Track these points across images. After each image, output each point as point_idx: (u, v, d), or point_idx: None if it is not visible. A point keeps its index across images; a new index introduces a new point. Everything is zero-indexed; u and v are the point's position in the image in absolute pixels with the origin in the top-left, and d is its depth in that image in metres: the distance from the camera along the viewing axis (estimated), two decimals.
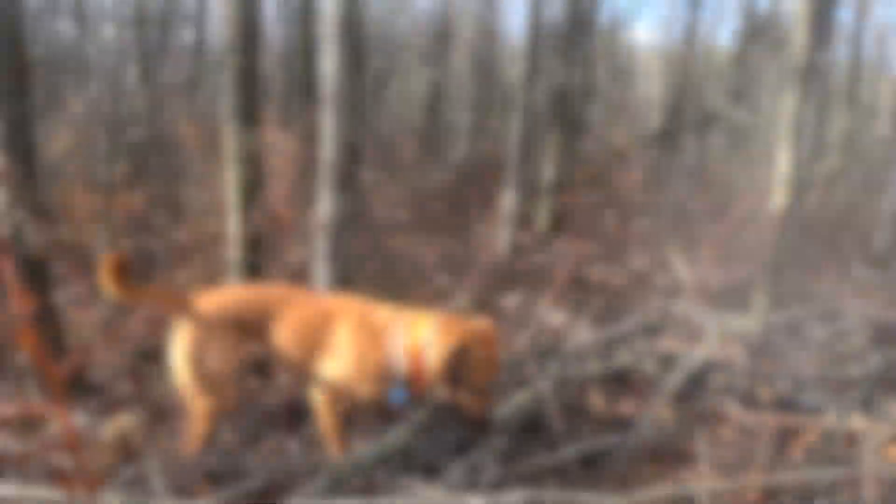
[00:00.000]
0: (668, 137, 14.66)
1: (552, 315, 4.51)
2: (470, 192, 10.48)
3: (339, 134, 3.13)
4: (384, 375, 2.83)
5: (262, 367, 3.59)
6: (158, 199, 6.10)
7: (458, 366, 2.64)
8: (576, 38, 9.96)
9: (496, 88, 14.51)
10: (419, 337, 2.77)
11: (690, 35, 17.01)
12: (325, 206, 3.16)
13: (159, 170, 6.54)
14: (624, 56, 25.29)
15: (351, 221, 3.21)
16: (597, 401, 4.30)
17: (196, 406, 3.02)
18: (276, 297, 3.08)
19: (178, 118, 6.59)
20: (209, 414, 3.00)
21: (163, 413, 3.70)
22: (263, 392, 3.74)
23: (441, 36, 14.25)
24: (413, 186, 9.39)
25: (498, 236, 7.93)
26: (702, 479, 2.69)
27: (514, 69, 20.85)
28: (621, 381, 4.50)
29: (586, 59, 11.28)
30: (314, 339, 2.94)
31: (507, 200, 7.82)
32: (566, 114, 9.84)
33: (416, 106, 14.36)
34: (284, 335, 2.97)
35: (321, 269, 3.26)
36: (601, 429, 3.54)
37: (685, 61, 15.60)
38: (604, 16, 18.05)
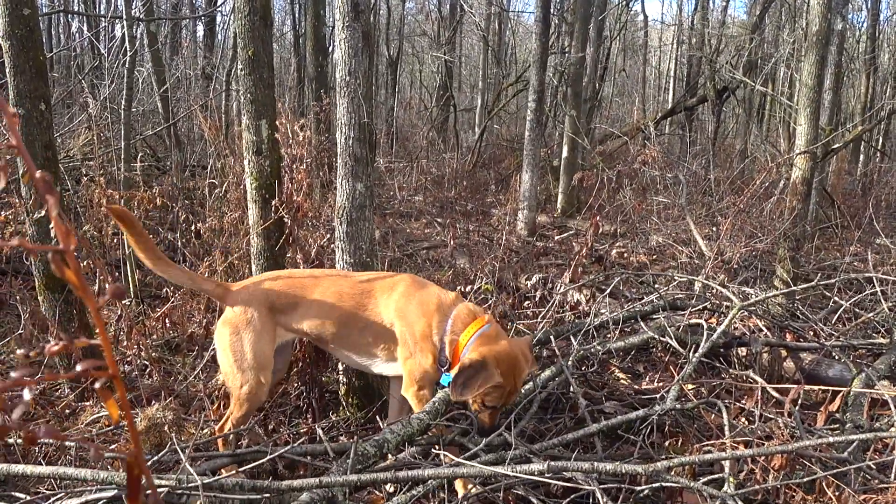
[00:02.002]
0: (683, 112, 14.52)
1: (573, 293, 4.51)
2: (486, 174, 10.49)
3: (353, 120, 3.14)
4: (433, 349, 2.89)
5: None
6: (177, 192, 6.16)
7: (475, 382, 2.68)
8: (587, 14, 9.87)
9: (509, 69, 14.43)
10: (464, 335, 2.83)
11: (704, 7, 16.80)
12: (342, 192, 3.18)
13: (176, 164, 6.60)
14: (637, 31, 25.03)
15: (368, 206, 3.22)
16: (619, 376, 4.32)
17: (235, 390, 3.09)
18: (307, 278, 3.15)
19: (193, 112, 6.64)
20: (248, 399, 3.06)
21: (190, 404, 3.77)
22: (292, 381, 3.80)
23: (451, 19, 14.19)
24: (430, 171, 9.41)
25: (516, 218, 7.93)
26: (725, 448, 2.68)
27: (525, 49, 20.72)
28: (644, 357, 4.51)
29: (599, 36, 11.19)
30: (355, 311, 3.01)
31: (525, 182, 7.81)
32: (580, 93, 9.79)
33: (430, 90, 14.34)
34: (318, 311, 3.03)
35: (340, 255, 3.29)
36: (625, 404, 3.55)
37: (699, 34, 15.40)
38: None
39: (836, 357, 4.09)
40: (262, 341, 3.07)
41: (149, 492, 0.67)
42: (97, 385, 0.61)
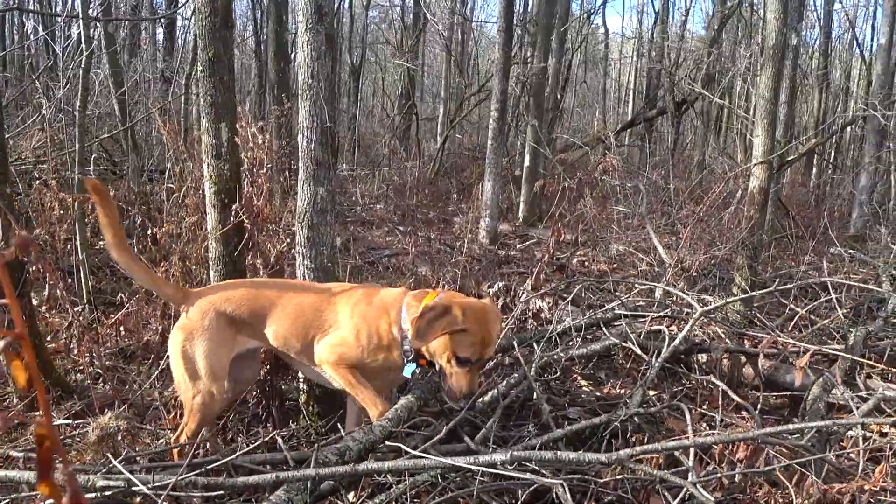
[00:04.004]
0: (643, 123, 14.74)
1: (535, 300, 4.51)
2: (448, 183, 10.49)
3: (315, 124, 3.09)
4: (392, 345, 2.83)
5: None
6: (134, 197, 6.02)
7: (437, 325, 2.61)
8: (550, 26, 9.96)
9: (471, 79, 14.48)
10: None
11: (664, 22, 17.12)
12: (303, 196, 3.13)
13: (133, 168, 6.46)
14: (597, 44, 25.38)
15: (330, 211, 3.18)
16: (581, 382, 4.32)
17: (188, 401, 2.99)
18: (273, 290, 3.07)
19: (151, 115, 6.51)
20: (200, 409, 2.97)
21: (145, 413, 3.66)
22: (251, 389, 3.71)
23: (414, 28, 14.20)
24: (391, 179, 9.37)
25: (478, 226, 7.92)
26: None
27: (487, 59, 20.86)
28: (605, 364, 4.53)
29: (561, 47, 11.30)
30: (316, 322, 2.94)
31: (487, 191, 7.82)
32: (542, 103, 9.86)
33: (392, 99, 14.31)
34: (284, 325, 2.95)
35: (301, 261, 3.23)
36: (588, 409, 3.56)
37: (659, 48, 15.68)
38: (577, 3, 18.08)
39: (794, 363, 4.15)
40: (218, 350, 2.96)
41: (60, 465, 0.62)
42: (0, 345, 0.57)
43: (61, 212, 3.89)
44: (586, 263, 7.33)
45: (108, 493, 1.87)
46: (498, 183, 7.93)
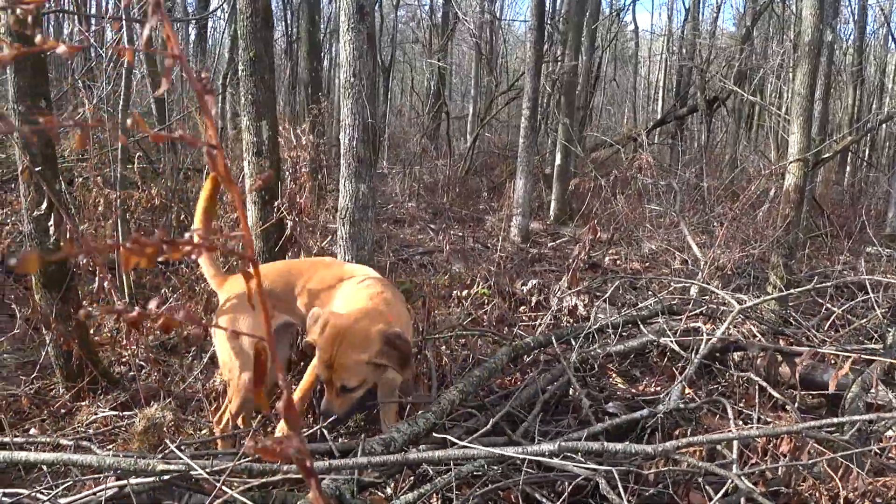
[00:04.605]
0: (674, 121, 14.63)
1: (571, 298, 4.52)
2: (478, 181, 10.52)
3: (357, 121, 3.14)
4: None
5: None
6: (172, 194, 6.13)
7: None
8: (580, 24, 9.93)
9: (500, 78, 14.48)
10: None
11: (695, 18, 16.96)
12: (345, 193, 3.18)
13: (170, 166, 6.57)
14: (626, 41, 25.22)
15: (371, 207, 3.23)
16: (616, 379, 4.33)
17: (233, 379, 3.08)
18: (304, 265, 3.15)
19: (188, 114, 6.62)
20: (245, 386, 3.05)
21: (187, 405, 3.74)
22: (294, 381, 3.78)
23: (443, 27, 14.23)
24: (422, 178, 9.41)
25: (510, 224, 7.94)
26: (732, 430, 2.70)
27: (515, 58, 20.80)
28: (640, 362, 4.53)
29: (592, 45, 11.26)
30: (326, 297, 2.98)
31: (518, 189, 7.83)
32: (573, 101, 9.84)
33: (421, 97, 14.36)
34: (305, 298, 3.01)
35: (342, 256, 3.29)
36: (627, 405, 3.56)
37: (690, 45, 15.54)
38: (606, 1, 17.97)
39: (832, 361, 4.12)
40: (258, 325, 3.03)
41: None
42: None
43: (105, 208, 3.99)
44: (619, 262, 7.31)
45: (166, 477, 1.93)
46: (530, 181, 7.94)
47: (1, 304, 5.32)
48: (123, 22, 4.65)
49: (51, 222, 3.05)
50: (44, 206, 2.98)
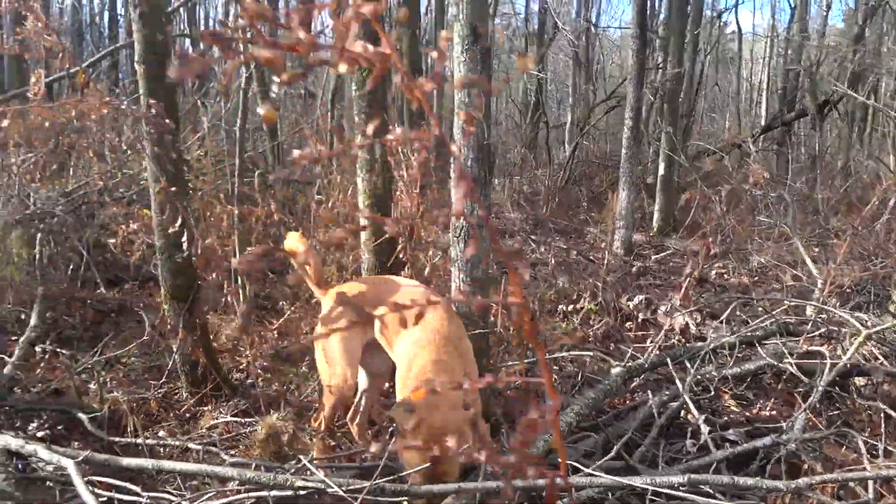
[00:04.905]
0: (781, 126, 14.02)
1: (682, 316, 4.41)
2: (578, 192, 10.41)
3: (472, 141, 3.18)
4: None
5: None
6: (281, 207, 6.37)
7: None
8: (682, 29, 9.69)
9: (597, 85, 14.29)
10: None
11: (802, 18, 16.21)
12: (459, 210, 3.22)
13: (280, 180, 6.82)
14: (727, 42, 24.35)
15: (484, 226, 3.25)
16: (729, 402, 4.18)
17: (325, 384, 3.25)
18: (394, 285, 3.26)
19: (298, 131, 6.87)
20: (335, 392, 3.20)
21: (302, 414, 3.88)
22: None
23: (539, 36, 14.17)
24: (521, 188, 9.40)
25: (613, 236, 7.82)
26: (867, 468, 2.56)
27: (611, 63, 20.47)
28: (753, 384, 4.35)
29: (694, 51, 10.97)
30: (395, 331, 3.07)
31: (622, 200, 7.70)
32: (676, 108, 9.61)
33: (518, 106, 14.34)
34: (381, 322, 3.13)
35: (457, 274, 3.33)
36: (744, 433, 3.44)
37: (797, 46, 14.87)
38: (706, 4, 17.44)
39: None
40: (349, 337, 3.17)
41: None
42: None
43: (228, 223, 4.19)
44: (726, 276, 7.08)
45: (302, 493, 2.02)
46: (632, 192, 7.80)
47: (129, 312, 5.68)
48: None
49: (184, 238, 3.23)
50: (178, 222, 3.17)
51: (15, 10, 3.02)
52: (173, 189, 3.10)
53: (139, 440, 3.54)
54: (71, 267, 5.86)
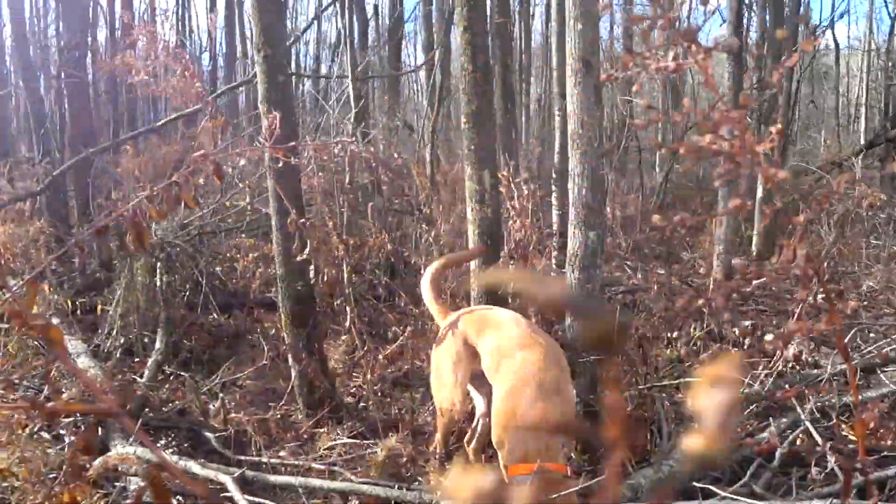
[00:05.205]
0: (886, 143, 13.45)
1: (796, 343, 4.32)
2: (671, 216, 10.24)
3: (586, 171, 3.27)
4: None
5: None
6: (380, 235, 6.58)
7: None
8: (779, 47, 9.48)
9: (687, 106, 14.05)
10: None
11: None
12: (574, 240, 3.30)
13: (380, 209, 7.05)
14: (821, 57, 23.52)
15: (599, 254, 3.32)
16: (846, 430, 4.06)
17: (437, 406, 3.40)
18: (503, 318, 3.31)
19: (398, 162, 7.11)
20: (445, 414, 3.33)
21: (417, 437, 4.00)
22: None
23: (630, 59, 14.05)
24: (615, 214, 9.34)
25: (711, 261, 7.69)
26: None
27: (698, 82, 20.08)
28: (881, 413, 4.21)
29: (790, 69, 10.70)
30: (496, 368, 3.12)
31: (720, 224, 7.57)
32: (771, 125, 9.38)
33: (606, 131, 14.29)
34: (488, 348, 3.19)
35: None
36: (875, 462, 3.35)
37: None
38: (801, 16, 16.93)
39: None
40: (459, 362, 3.28)
41: None
42: None
43: (341, 252, 4.39)
44: (835, 301, 6.83)
45: None
46: (732, 217, 7.64)
47: (242, 337, 5.98)
48: (350, 80, 5.14)
49: (311, 267, 3.43)
50: (305, 252, 3.37)
51: (167, 64, 3.31)
52: (301, 221, 3.30)
53: (263, 459, 3.74)
54: (187, 294, 6.21)
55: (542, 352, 2.98)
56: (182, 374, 4.98)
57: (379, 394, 4.31)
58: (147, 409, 4.33)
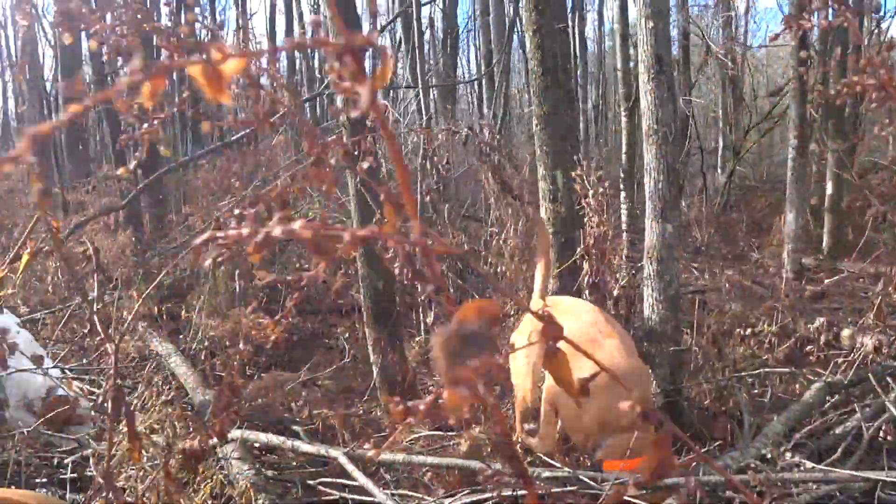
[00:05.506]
0: None
1: (871, 336, 4.29)
2: (736, 217, 10.15)
3: (661, 165, 3.34)
4: None
5: None
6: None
7: None
8: (845, 40, 9.32)
9: (748, 106, 13.86)
10: None
11: None
12: (651, 233, 3.38)
13: (448, 214, 7.19)
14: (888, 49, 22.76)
15: (676, 246, 3.39)
16: None
17: (515, 395, 3.48)
18: (578, 309, 3.39)
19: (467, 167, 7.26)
20: (519, 404, 3.44)
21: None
22: None
23: (685, 60, 13.95)
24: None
25: (781, 260, 7.61)
26: None
27: (756, 82, 19.73)
28: None
29: (856, 63, 10.47)
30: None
31: (789, 222, 7.49)
32: (841, 125, 9.21)
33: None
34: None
35: (649, 293, 3.47)
36: None
37: None
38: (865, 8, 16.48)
39: None
40: (531, 353, 3.34)
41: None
42: None
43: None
44: None
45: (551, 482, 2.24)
46: (801, 214, 7.56)
47: (318, 339, 6.21)
48: (421, 90, 5.31)
49: (397, 264, 3.58)
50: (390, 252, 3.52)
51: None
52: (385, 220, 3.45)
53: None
54: (264, 299, 6.47)
55: (619, 340, 3.06)
56: (262, 374, 5.21)
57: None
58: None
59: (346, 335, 5.86)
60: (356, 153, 3.44)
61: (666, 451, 0.84)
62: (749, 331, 5.04)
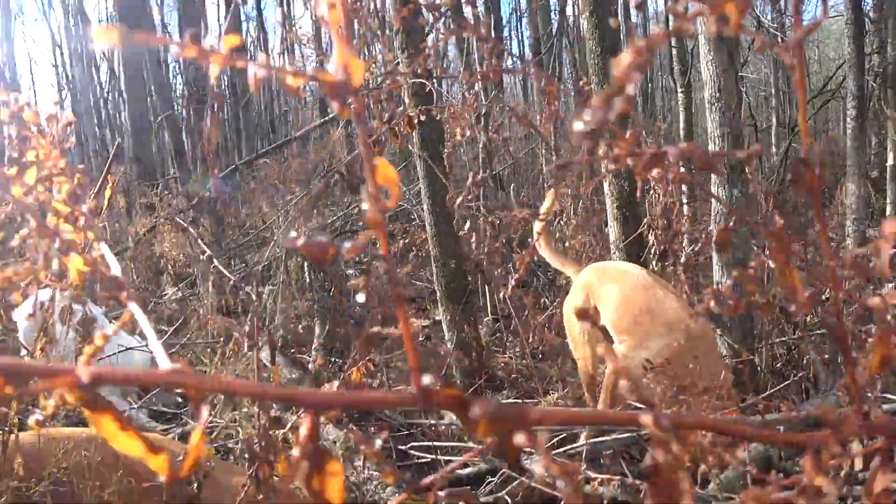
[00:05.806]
0: None
1: None
2: (792, 194, 9.99)
3: (724, 132, 3.42)
4: None
5: None
6: (499, 227, 6.84)
7: None
8: None
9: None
10: None
11: None
12: (718, 202, 3.46)
13: (498, 203, 7.33)
14: None
15: (743, 214, 3.46)
16: None
17: (577, 361, 3.54)
18: (632, 271, 3.40)
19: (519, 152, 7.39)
20: (581, 370, 3.48)
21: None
22: None
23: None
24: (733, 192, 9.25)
25: (844, 233, 7.54)
26: None
27: (810, 59, 19.32)
28: None
29: None
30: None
31: (851, 194, 7.41)
32: None
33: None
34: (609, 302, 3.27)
35: (717, 258, 3.56)
36: None
37: None
38: None
39: None
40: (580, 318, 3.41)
41: None
42: None
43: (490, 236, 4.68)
44: None
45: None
46: (862, 185, 7.47)
47: (387, 325, 6.40)
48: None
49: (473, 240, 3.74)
50: (467, 226, 3.68)
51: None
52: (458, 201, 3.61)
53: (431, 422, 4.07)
54: (332, 289, 6.71)
55: (678, 301, 3.12)
56: (337, 360, 5.42)
57: (531, 364, 4.56)
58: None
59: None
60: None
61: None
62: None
